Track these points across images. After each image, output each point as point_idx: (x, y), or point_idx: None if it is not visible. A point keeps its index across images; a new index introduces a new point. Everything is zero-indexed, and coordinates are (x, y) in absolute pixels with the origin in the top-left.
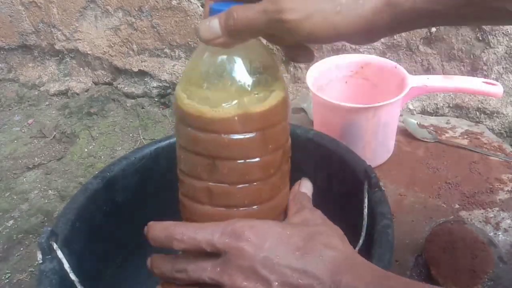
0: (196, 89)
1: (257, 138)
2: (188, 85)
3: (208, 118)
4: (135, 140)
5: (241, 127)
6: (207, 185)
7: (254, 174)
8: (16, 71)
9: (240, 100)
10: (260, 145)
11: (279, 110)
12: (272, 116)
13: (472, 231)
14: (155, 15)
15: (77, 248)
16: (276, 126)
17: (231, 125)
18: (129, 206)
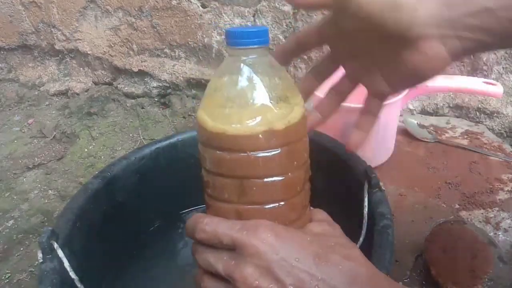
0: (219, 110)
1: (283, 154)
2: (210, 107)
3: (233, 136)
4: (135, 140)
5: (266, 143)
6: (236, 208)
7: (281, 192)
8: (16, 71)
9: (263, 117)
10: (286, 161)
11: (301, 125)
12: (295, 131)
13: (472, 231)
14: (155, 15)
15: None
16: (299, 142)
17: (256, 142)
18: (129, 206)
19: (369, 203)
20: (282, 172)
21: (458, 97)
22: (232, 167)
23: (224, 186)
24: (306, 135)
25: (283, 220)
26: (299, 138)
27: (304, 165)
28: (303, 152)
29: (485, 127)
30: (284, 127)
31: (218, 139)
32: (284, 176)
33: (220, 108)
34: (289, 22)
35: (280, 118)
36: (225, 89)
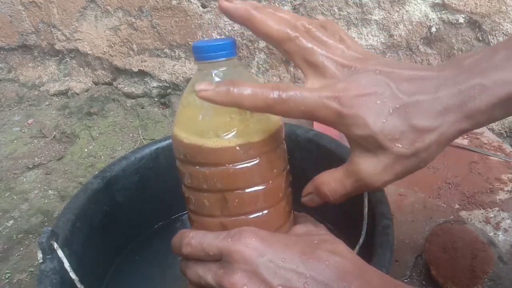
0: (194, 125)
1: (261, 164)
2: (185, 123)
3: (210, 150)
4: (135, 140)
5: (244, 155)
6: (221, 221)
7: (263, 201)
8: (16, 71)
9: (239, 129)
10: (265, 170)
11: (278, 133)
12: (272, 140)
13: (472, 231)
14: (155, 15)
15: (78, 248)
16: (277, 149)
17: (234, 155)
18: (129, 206)
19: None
20: (263, 181)
21: None
22: (212, 181)
23: (206, 200)
24: (283, 142)
25: (269, 227)
26: (277, 145)
27: (284, 171)
28: (282, 158)
29: (485, 127)
30: (261, 139)
31: (195, 154)
32: (265, 185)
33: (195, 123)
34: None
35: (256, 129)
36: (198, 104)
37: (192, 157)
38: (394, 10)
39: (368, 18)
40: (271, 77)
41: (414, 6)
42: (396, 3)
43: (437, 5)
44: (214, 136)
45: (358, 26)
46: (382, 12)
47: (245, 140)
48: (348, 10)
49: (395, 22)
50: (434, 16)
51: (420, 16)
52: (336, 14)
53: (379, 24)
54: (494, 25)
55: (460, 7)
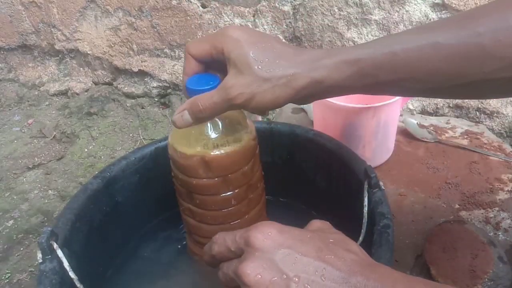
0: (176, 142)
1: (218, 182)
2: (173, 138)
3: (181, 162)
4: (135, 140)
5: (204, 173)
6: (189, 206)
7: (220, 205)
8: (16, 71)
9: (202, 151)
10: (221, 187)
11: (237, 159)
12: (230, 165)
13: (472, 231)
14: (155, 15)
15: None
16: (237, 172)
17: (196, 171)
18: (129, 206)
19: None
20: (219, 193)
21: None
22: (182, 183)
23: (181, 190)
24: (247, 165)
25: (226, 220)
26: (236, 169)
27: (243, 186)
28: (242, 179)
29: (485, 127)
30: (218, 160)
31: (173, 161)
32: (221, 195)
33: (178, 139)
34: (289, 22)
35: (215, 152)
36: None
37: (172, 161)
38: (394, 10)
39: (368, 18)
40: None
41: (414, 6)
42: (396, 3)
43: (437, 5)
44: (184, 154)
45: (358, 26)
46: (382, 12)
47: (204, 161)
48: (348, 10)
49: (395, 22)
50: (434, 16)
51: (420, 16)
52: (336, 14)
53: (379, 24)
54: None
55: (460, 7)
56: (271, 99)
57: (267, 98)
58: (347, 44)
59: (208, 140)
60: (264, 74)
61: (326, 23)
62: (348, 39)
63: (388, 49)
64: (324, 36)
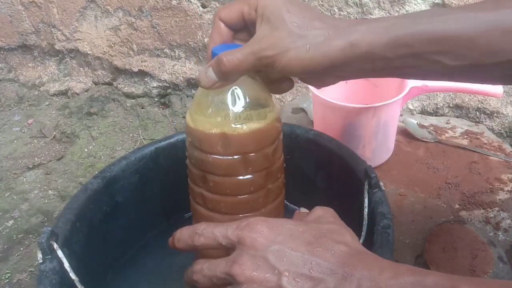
0: (195, 112)
1: (237, 161)
2: (192, 108)
3: (197, 136)
4: (135, 140)
5: (222, 149)
6: (201, 191)
7: (236, 189)
8: (16, 71)
9: (222, 122)
10: (239, 167)
11: (259, 137)
12: (251, 142)
13: (472, 231)
14: (155, 15)
15: (77, 248)
16: (258, 153)
17: (214, 147)
18: (129, 206)
19: (369, 203)
20: (236, 175)
21: (458, 97)
22: (197, 161)
23: (194, 173)
24: (270, 146)
25: (239, 210)
26: (258, 148)
27: (262, 170)
28: (263, 161)
29: (485, 127)
30: (239, 137)
31: (190, 135)
32: (239, 177)
33: (195, 111)
34: None
35: (236, 128)
36: (199, 96)
37: (189, 135)
38: (394, 10)
39: (368, 18)
40: None
41: (414, 6)
42: (396, 3)
43: (437, 5)
44: (202, 126)
45: None
46: (382, 12)
47: (224, 136)
48: (348, 10)
49: None
50: None
51: None
52: (336, 14)
53: None
54: None
55: None
56: (304, 59)
57: (300, 56)
58: None
59: (229, 111)
60: (299, 31)
61: None
62: None
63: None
64: None
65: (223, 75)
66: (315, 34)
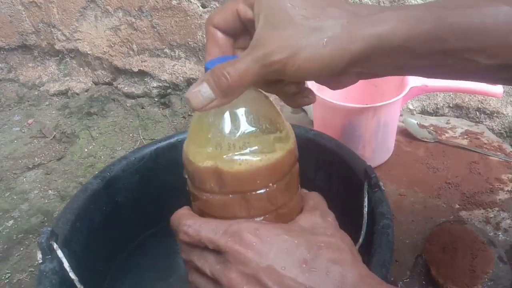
0: (188, 138)
1: (234, 201)
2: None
3: (188, 167)
4: (135, 140)
5: (216, 186)
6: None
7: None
8: (16, 71)
9: (213, 154)
10: (238, 209)
11: (261, 172)
12: (249, 178)
13: (472, 231)
14: (155, 15)
15: (77, 248)
16: (260, 191)
17: (205, 182)
18: (129, 206)
19: (369, 203)
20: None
21: (458, 97)
22: (193, 194)
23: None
24: (277, 183)
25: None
26: (259, 186)
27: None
28: (267, 203)
29: (485, 127)
30: (233, 174)
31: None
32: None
33: (191, 141)
34: None
35: (232, 163)
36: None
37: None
38: None
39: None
40: None
41: None
42: (396, 3)
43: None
44: (196, 160)
45: None
46: None
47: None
48: None
49: None
50: None
51: None
52: None
53: None
54: None
55: None
56: (322, 56)
57: (317, 54)
58: None
59: (223, 138)
60: (310, 23)
61: None
62: None
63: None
64: None
65: (222, 92)
66: (331, 24)
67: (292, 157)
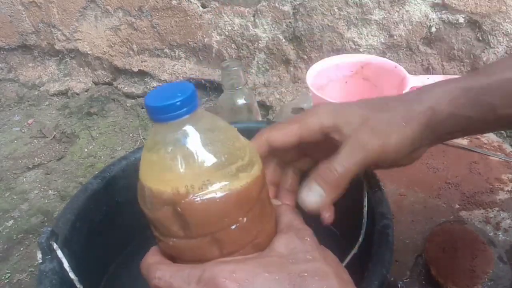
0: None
1: (203, 244)
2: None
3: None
4: (135, 140)
5: (179, 230)
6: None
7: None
8: (16, 71)
9: (171, 194)
10: (209, 251)
11: (228, 208)
12: (216, 216)
13: (472, 231)
14: (155, 15)
15: (77, 248)
16: (229, 228)
17: (167, 228)
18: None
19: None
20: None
21: None
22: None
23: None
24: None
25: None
26: (228, 223)
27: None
28: (240, 237)
29: None
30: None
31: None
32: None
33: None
34: (289, 22)
35: (189, 190)
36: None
37: None
38: (394, 10)
39: (368, 18)
40: (271, 77)
41: (414, 6)
42: (396, 3)
43: (437, 5)
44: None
45: (358, 26)
46: (382, 12)
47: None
48: (348, 10)
49: (395, 22)
50: (434, 16)
51: (420, 16)
52: (336, 14)
53: (379, 24)
54: (494, 25)
55: (460, 7)
56: (403, 137)
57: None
58: (347, 44)
59: (179, 180)
60: (383, 116)
61: (326, 23)
62: (348, 39)
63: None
64: (324, 36)
65: (333, 190)
66: (399, 110)
67: (259, 183)
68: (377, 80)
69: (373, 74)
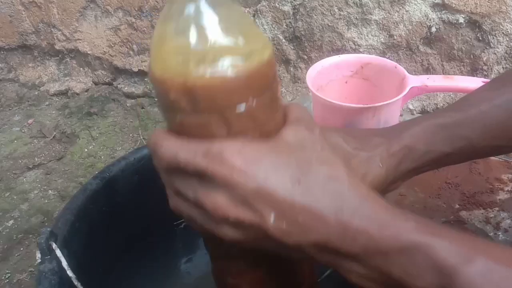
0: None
1: (211, 120)
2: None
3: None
4: (135, 140)
5: (188, 105)
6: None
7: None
8: (16, 71)
9: (180, 70)
10: (216, 128)
11: (239, 85)
12: (226, 92)
13: (472, 231)
14: (155, 15)
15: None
16: (238, 108)
17: (175, 103)
18: (129, 206)
19: None
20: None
21: (458, 97)
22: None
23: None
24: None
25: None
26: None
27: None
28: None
29: None
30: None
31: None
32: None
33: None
34: (289, 22)
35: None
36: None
37: None
38: (394, 10)
39: (368, 18)
40: None
41: (414, 6)
42: (396, 3)
43: (437, 5)
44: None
45: (358, 26)
46: (382, 12)
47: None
48: (348, 10)
49: (395, 22)
50: (434, 16)
51: (420, 16)
52: (336, 14)
53: (379, 24)
54: (494, 25)
55: (460, 7)
56: (378, 176)
57: (375, 176)
58: (347, 44)
59: (190, 51)
60: (363, 156)
61: (326, 23)
62: (348, 39)
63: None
64: (324, 36)
65: None
66: (375, 152)
67: (271, 69)
68: (377, 80)
69: (373, 74)
